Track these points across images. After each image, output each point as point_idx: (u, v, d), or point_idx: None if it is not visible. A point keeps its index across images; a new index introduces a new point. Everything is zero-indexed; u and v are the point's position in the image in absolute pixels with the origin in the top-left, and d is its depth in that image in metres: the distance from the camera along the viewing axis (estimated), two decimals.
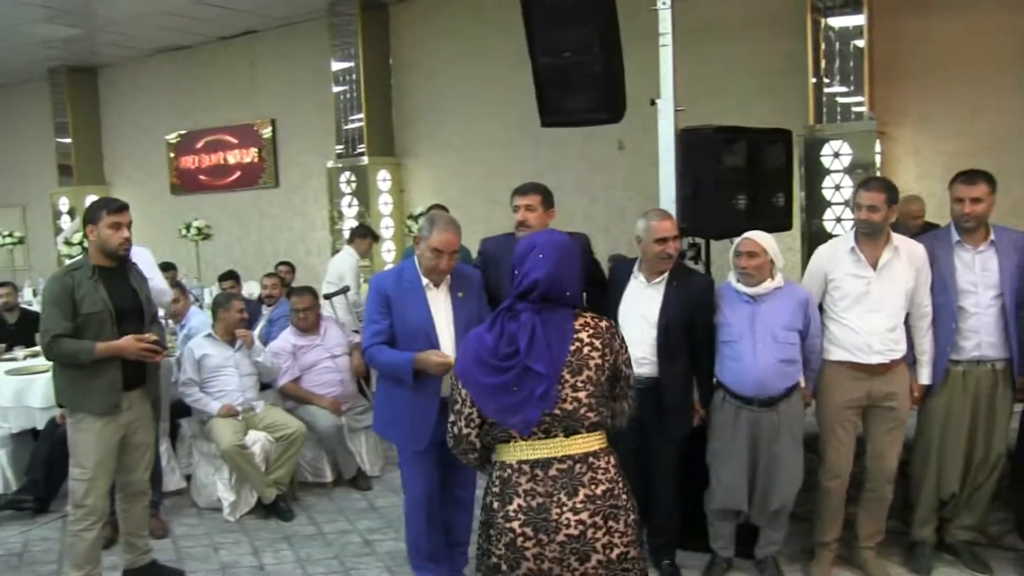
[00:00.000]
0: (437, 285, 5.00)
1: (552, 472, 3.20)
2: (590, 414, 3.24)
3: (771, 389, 5.06)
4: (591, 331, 3.30)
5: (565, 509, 3.15)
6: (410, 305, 4.95)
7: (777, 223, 6.32)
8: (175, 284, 8.69)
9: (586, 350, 3.26)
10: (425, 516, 5.14)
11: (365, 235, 10.35)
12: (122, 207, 5.25)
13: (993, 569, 5.39)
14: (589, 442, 3.25)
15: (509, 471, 3.24)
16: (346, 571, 5.84)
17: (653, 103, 5.95)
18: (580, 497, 3.16)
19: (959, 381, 5.30)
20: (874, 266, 5.13)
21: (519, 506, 3.18)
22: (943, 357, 5.29)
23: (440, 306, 4.99)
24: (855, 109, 9.26)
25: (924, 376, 5.32)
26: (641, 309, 5.22)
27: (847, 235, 5.38)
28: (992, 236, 5.22)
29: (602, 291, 5.47)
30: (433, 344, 4.88)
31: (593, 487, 3.19)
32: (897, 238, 5.22)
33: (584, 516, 3.15)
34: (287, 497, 6.90)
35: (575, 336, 3.27)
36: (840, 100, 9.32)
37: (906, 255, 5.17)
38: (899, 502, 5.65)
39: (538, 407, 3.19)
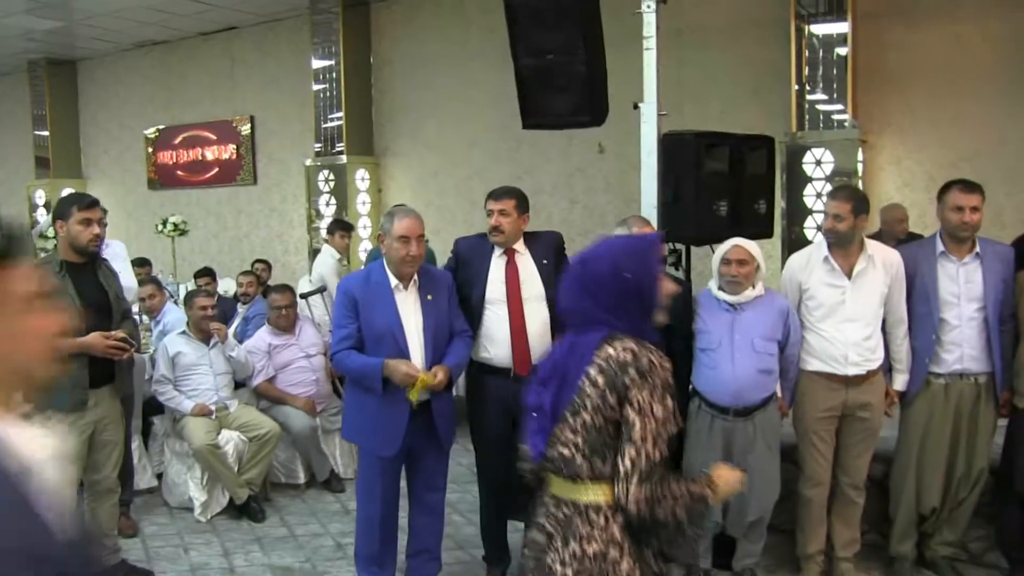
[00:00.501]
0: (406, 285, 4.91)
1: (560, 514, 2.89)
2: (583, 464, 2.82)
3: (747, 399, 5.03)
4: (602, 363, 2.81)
5: (556, 558, 2.84)
6: (378, 307, 4.87)
7: (759, 230, 6.32)
8: (150, 279, 8.61)
9: (587, 388, 2.81)
10: (380, 524, 5.06)
11: (339, 229, 10.28)
12: (93, 203, 5.19)
13: None
14: (594, 493, 2.83)
15: (540, 498, 3.02)
16: (318, 574, 5.79)
17: (636, 107, 5.92)
18: (569, 550, 2.81)
19: (940, 394, 5.28)
20: (848, 274, 5.12)
21: (531, 538, 2.99)
22: (921, 367, 5.28)
23: (409, 308, 4.92)
24: (837, 117, 9.22)
25: (898, 383, 5.32)
26: None
27: (820, 243, 5.36)
28: (978, 248, 5.20)
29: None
30: (401, 347, 4.81)
31: (584, 544, 2.80)
32: (872, 245, 5.21)
33: (568, 572, 2.80)
34: (259, 498, 6.84)
35: (586, 368, 2.83)
36: (823, 108, 9.28)
37: (880, 262, 5.15)
38: (879, 515, 5.65)
39: (542, 442, 2.92)
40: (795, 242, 9.08)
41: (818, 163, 9.19)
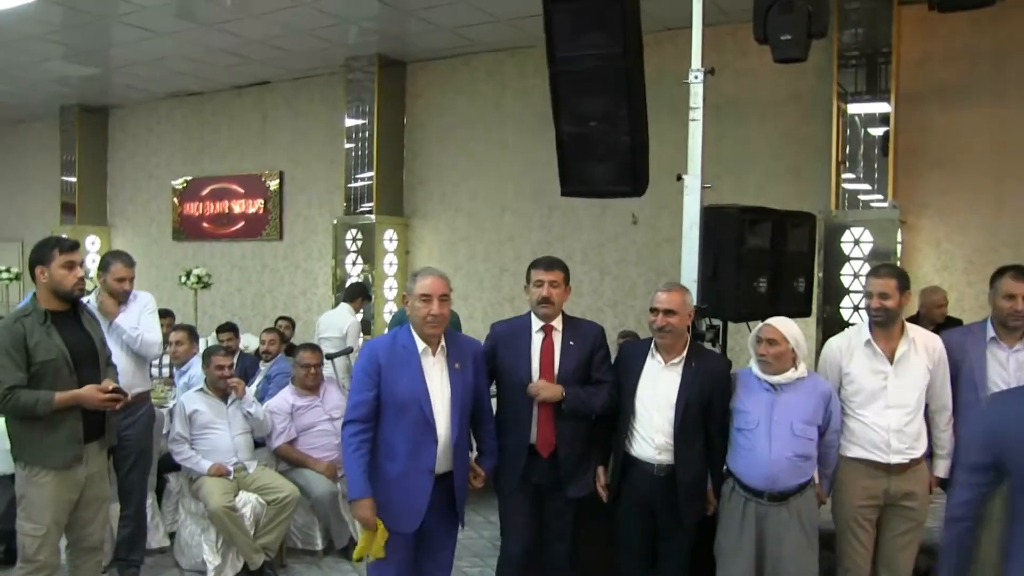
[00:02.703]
0: (434, 351, 4.72)
1: None
2: None
3: (782, 484, 4.81)
4: None
5: None
6: (403, 373, 4.65)
7: (797, 308, 6.26)
8: (184, 327, 8.48)
9: None
10: None
11: (363, 296, 10.26)
12: (74, 246, 5.01)
13: None
14: None
15: None
16: None
17: (679, 178, 5.85)
18: None
19: None
20: (891, 359, 4.96)
21: None
22: None
23: (435, 376, 4.71)
24: (877, 196, 9.11)
25: (941, 469, 5.12)
26: (662, 391, 4.99)
27: (861, 326, 5.19)
28: None
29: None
30: (427, 417, 4.61)
31: None
32: (912, 329, 5.08)
33: None
34: (275, 564, 6.62)
35: None
36: (862, 186, 9.18)
37: (923, 347, 5.01)
38: None
39: None
40: (829, 321, 8.96)
41: (856, 242, 9.06)
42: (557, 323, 5.13)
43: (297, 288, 14.54)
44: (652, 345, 5.08)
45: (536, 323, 5.12)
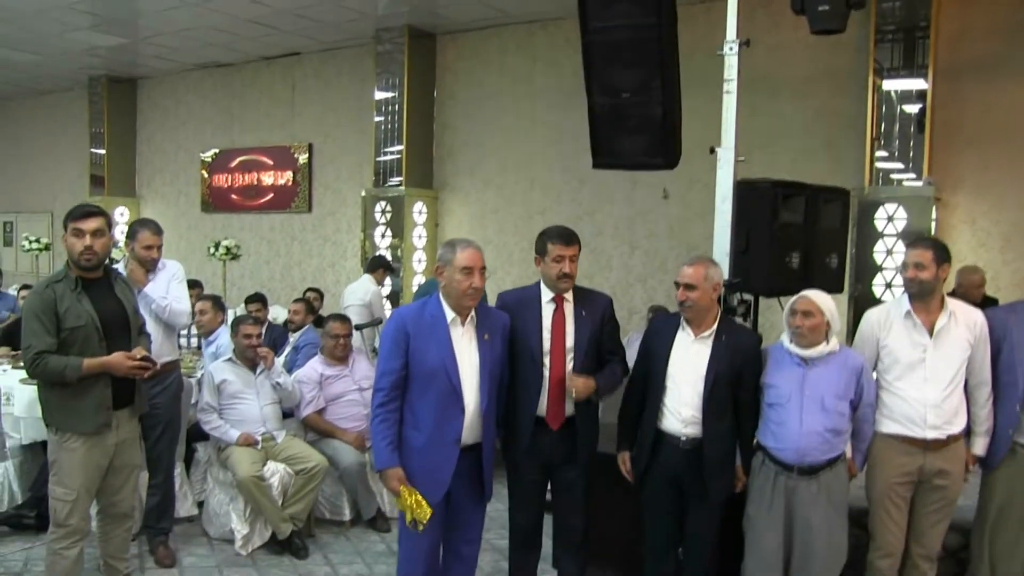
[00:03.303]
0: (463, 321, 4.68)
1: None
2: None
3: (812, 458, 4.76)
4: None
5: None
6: (432, 343, 4.60)
7: (829, 285, 6.16)
8: (210, 297, 8.49)
9: None
10: (425, 569, 4.78)
11: (385, 268, 10.25)
12: (86, 214, 4.93)
13: None
14: None
15: None
16: None
17: (712, 151, 5.79)
18: None
19: (1021, 463, 5.00)
20: (930, 332, 4.88)
21: None
22: (1005, 437, 4.99)
23: (464, 346, 4.67)
24: (912, 174, 9.01)
25: (979, 446, 5.01)
26: (691, 363, 4.93)
27: (901, 298, 5.09)
28: None
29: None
30: (455, 386, 4.58)
31: None
32: (952, 303, 4.98)
33: None
34: (302, 534, 6.62)
35: None
36: (897, 163, 9.09)
37: (963, 321, 4.92)
38: None
39: None
40: (861, 299, 8.88)
41: (890, 219, 8.97)
42: (568, 294, 5.05)
43: (326, 260, 14.54)
44: (682, 319, 5.03)
45: (547, 294, 5.03)
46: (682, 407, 4.90)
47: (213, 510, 6.80)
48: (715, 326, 4.95)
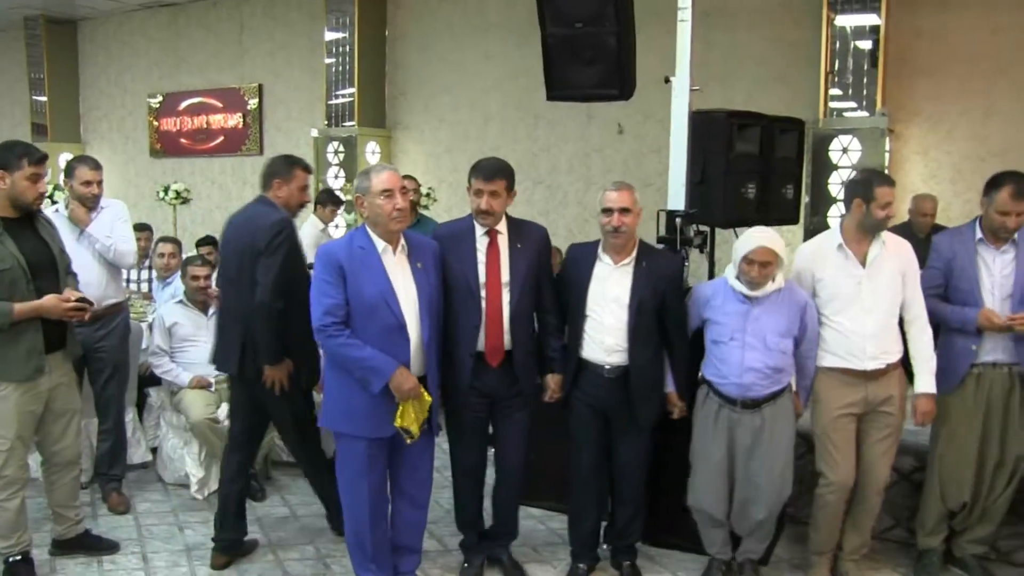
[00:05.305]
0: (395, 249, 4.56)
1: None
2: None
3: (755, 392, 4.80)
4: None
5: None
6: (366, 275, 4.47)
7: (784, 215, 6.27)
8: (172, 239, 8.36)
9: None
10: (370, 515, 4.71)
11: (331, 202, 10.08)
12: (44, 158, 4.77)
13: None
14: None
15: None
16: (321, 558, 5.53)
17: (667, 80, 5.77)
18: None
19: (972, 384, 5.08)
20: (863, 262, 4.88)
21: None
22: (964, 359, 5.05)
23: (399, 275, 4.56)
24: (866, 111, 9.02)
25: (924, 384, 4.98)
26: (611, 292, 4.88)
27: (832, 231, 5.09)
28: (1015, 236, 4.98)
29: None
30: (397, 317, 4.48)
31: None
32: (883, 232, 4.97)
33: None
34: (259, 476, 6.57)
35: None
36: (851, 95, 9.07)
37: (893, 249, 4.93)
38: (910, 511, 5.50)
39: None
40: (816, 230, 8.86)
41: (844, 151, 8.98)
42: (501, 226, 4.91)
43: None
44: (599, 248, 4.96)
45: (480, 227, 4.90)
46: (605, 336, 4.86)
47: (167, 455, 6.72)
48: (635, 253, 4.90)
